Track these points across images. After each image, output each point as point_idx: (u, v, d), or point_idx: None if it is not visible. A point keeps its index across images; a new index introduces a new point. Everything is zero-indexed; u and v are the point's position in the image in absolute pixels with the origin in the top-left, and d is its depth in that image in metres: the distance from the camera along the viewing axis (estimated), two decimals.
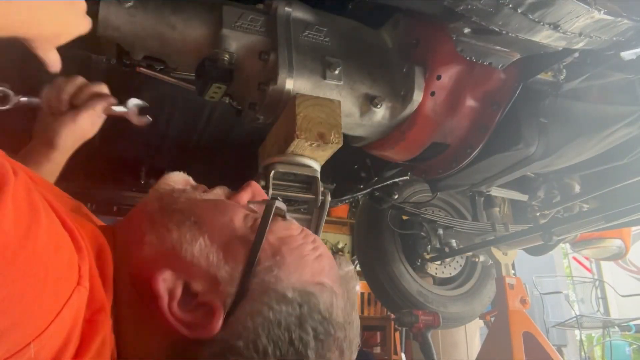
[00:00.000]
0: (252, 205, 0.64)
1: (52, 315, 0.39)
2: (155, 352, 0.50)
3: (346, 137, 1.19)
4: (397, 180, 1.77)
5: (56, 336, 0.39)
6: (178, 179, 0.67)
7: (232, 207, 0.61)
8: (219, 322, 0.51)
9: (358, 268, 2.98)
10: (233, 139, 1.59)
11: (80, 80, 0.94)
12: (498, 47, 1.01)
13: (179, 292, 0.52)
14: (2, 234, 0.34)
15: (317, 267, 0.59)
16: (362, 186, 1.74)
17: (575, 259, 7.16)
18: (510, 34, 0.90)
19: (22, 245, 0.36)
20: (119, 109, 0.96)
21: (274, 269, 0.55)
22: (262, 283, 0.53)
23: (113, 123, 1.51)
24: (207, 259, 0.54)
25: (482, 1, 0.83)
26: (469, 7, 0.85)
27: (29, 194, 0.39)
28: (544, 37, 0.91)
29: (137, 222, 0.61)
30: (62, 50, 1.14)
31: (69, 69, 1.25)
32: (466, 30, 0.96)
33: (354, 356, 0.57)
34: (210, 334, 0.50)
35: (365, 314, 5.06)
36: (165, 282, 0.51)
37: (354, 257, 4.43)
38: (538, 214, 1.93)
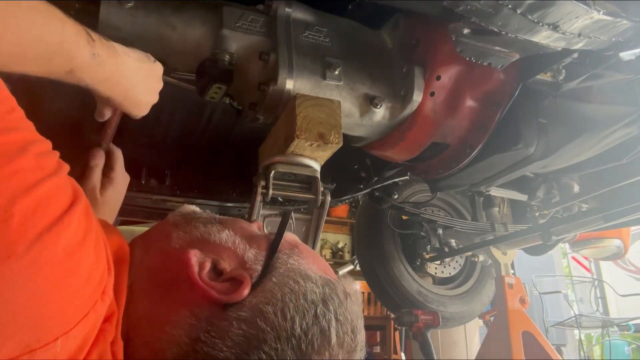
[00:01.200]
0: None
1: (80, 317, 0.42)
2: (176, 326, 0.52)
3: (346, 137, 1.19)
4: (397, 180, 1.77)
5: (78, 337, 0.42)
6: (195, 208, 0.74)
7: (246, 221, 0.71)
8: (246, 289, 0.54)
9: (358, 268, 2.99)
10: (233, 139, 1.59)
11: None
12: (497, 48, 1.01)
13: (208, 265, 0.56)
14: (69, 233, 0.41)
15: (329, 268, 0.65)
16: (362, 186, 1.74)
17: (574, 258, 7.16)
18: (509, 35, 0.91)
19: (79, 247, 0.42)
20: None
21: (294, 256, 0.61)
22: (286, 264, 0.59)
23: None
24: (233, 243, 0.60)
25: (481, 1, 0.83)
26: (469, 7, 0.85)
27: (87, 209, 0.45)
28: (544, 37, 0.91)
29: (162, 228, 0.66)
30: None
31: None
32: (466, 31, 0.96)
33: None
34: (239, 298, 0.53)
35: (365, 313, 5.07)
36: (195, 256, 0.56)
37: (354, 256, 4.43)
38: (537, 214, 1.94)
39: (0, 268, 0.36)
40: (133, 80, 0.73)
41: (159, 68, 0.79)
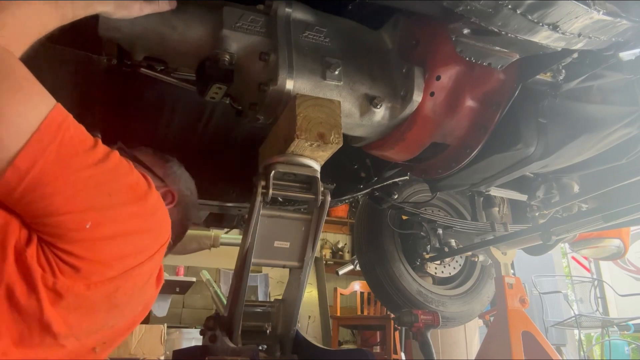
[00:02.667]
0: None
1: (166, 239, 0.82)
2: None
3: (346, 137, 1.19)
4: (396, 180, 1.77)
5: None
6: None
7: None
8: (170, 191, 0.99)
9: (358, 268, 2.99)
10: (233, 140, 1.59)
11: None
12: (497, 48, 1.01)
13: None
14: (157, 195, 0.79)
15: None
16: (362, 186, 1.74)
17: (574, 258, 7.16)
18: (509, 35, 0.91)
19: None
20: None
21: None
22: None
23: (114, 123, 1.51)
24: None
25: (481, 2, 0.83)
26: (468, 7, 0.85)
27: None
28: (543, 37, 0.91)
29: None
30: (63, 50, 1.15)
31: (69, 70, 1.25)
32: (465, 31, 0.96)
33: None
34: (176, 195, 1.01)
35: (365, 313, 5.06)
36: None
37: (354, 256, 4.43)
38: (537, 214, 1.94)
39: (142, 204, 0.73)
40: None
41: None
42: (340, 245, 7.18)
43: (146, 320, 4.29)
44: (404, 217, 2.35)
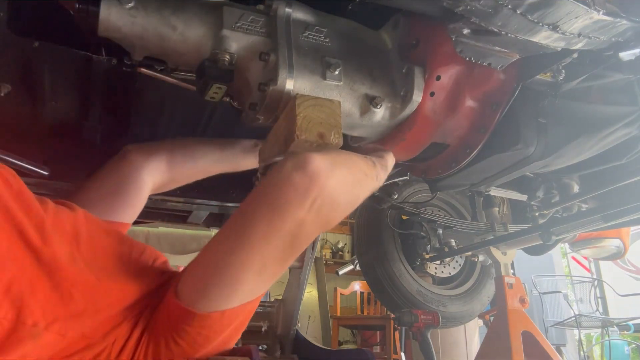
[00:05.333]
0: None
1: None
2: None
3: (346, 137, 1.19)
4: (396, 180, 1.77)
5: None
6: None
7: None
8: None
9: (358, 268, 2.98)
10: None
11: None
12: (497, 48, 1.01)
13: None
14: None
15: None
16: None
17: (574, 258, 7.17)
18: (509, 35, 0.91)
19: None
20: None
21: None
22: None
23: (114, 123, 1.51)
24: None
25: (481, 2, 0.83)
26: (468, 7, 0.85)
27: None
28: (543, 37, 0.91)
29: None
30: (63, 50, 1.15)
31: (69, 70, 1.25)
32: (465, 31, 0.96)
33: None
34: None
35: (365, 313, 5.07)
36: None
37: (354, 256, 4.43)
38: (537, 214, 1.94)
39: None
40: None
41: (371, 182, 0.91)
42: (340, 245, 7.19)
43: None
44: (404, 217, 2.35)
